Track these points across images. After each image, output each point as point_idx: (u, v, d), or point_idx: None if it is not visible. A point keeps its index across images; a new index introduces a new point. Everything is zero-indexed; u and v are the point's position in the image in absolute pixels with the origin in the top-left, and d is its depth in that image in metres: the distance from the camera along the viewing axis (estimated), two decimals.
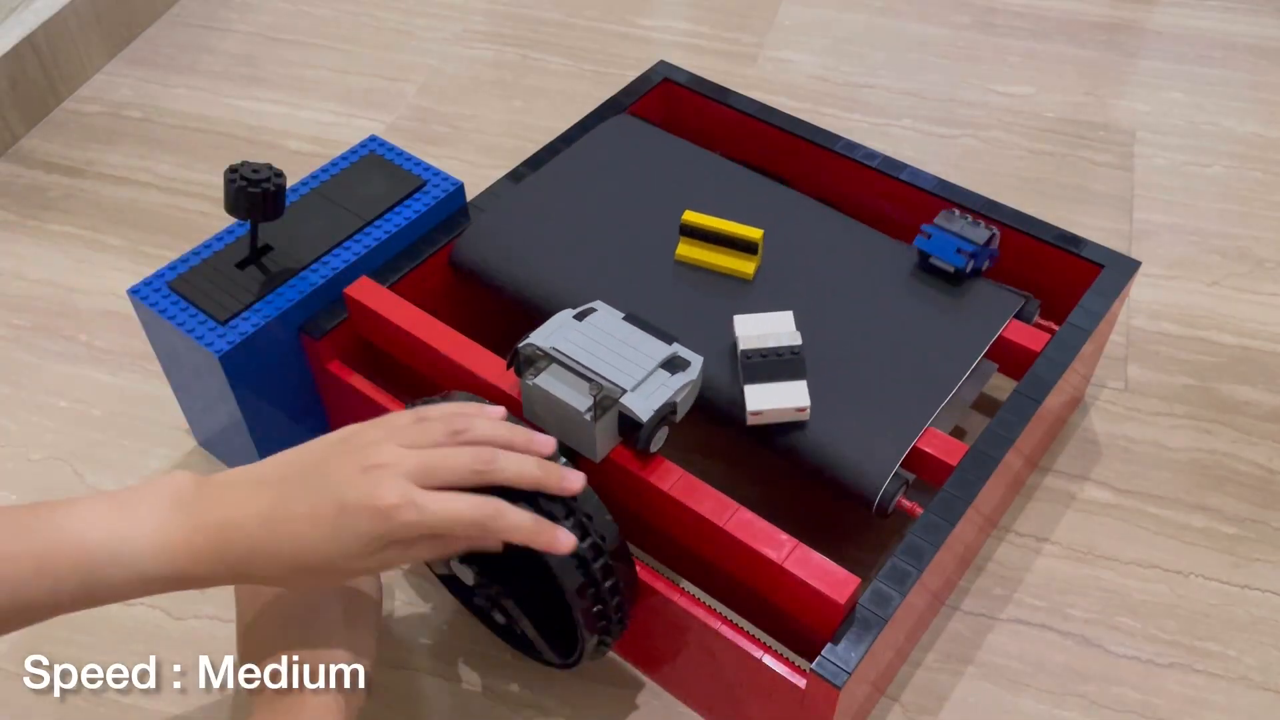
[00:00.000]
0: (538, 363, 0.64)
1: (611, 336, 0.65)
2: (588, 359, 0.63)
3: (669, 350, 0.65)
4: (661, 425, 0.63)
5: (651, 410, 0.62)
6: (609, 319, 0.67)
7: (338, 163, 0.84)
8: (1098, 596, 0.77)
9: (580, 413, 0.61)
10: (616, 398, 0.62)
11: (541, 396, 0.63)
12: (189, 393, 0.82)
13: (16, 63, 1.13)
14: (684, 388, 0.64)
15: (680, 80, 0.95)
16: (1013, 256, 0.83)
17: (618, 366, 0.63)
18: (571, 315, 0.67)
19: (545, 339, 0.65)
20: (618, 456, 0.64)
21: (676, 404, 0.64)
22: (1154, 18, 1.31)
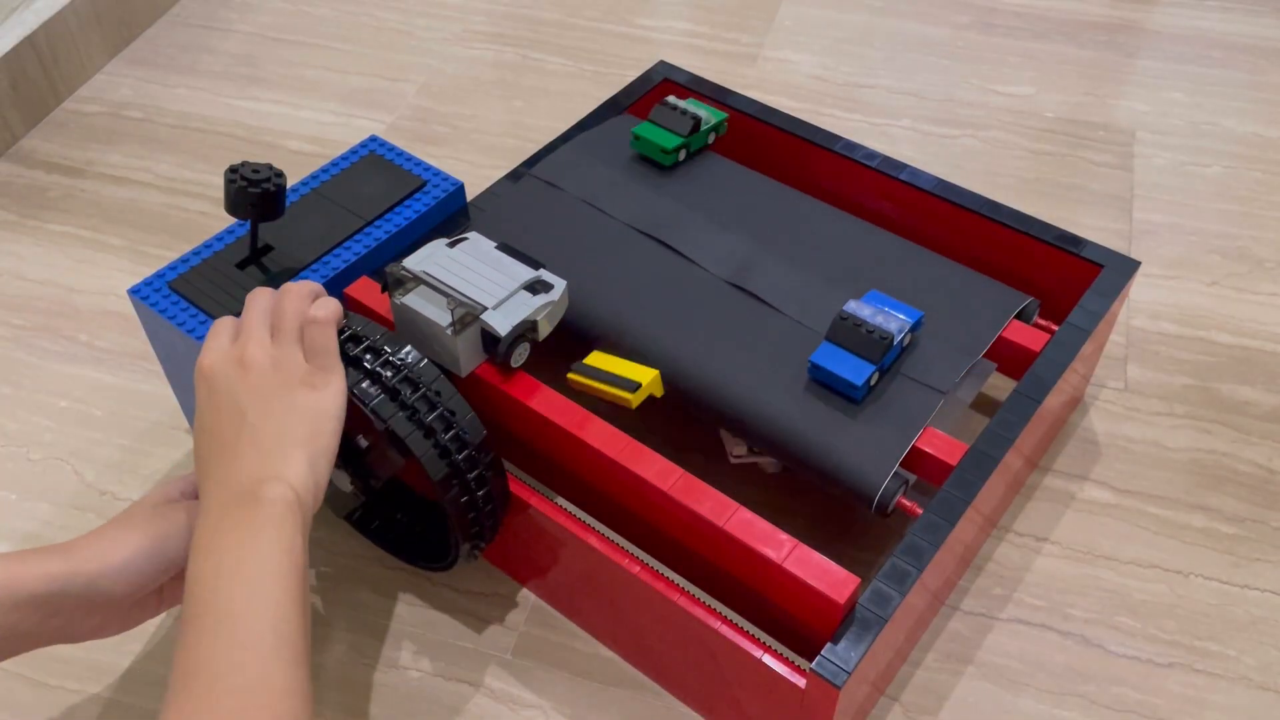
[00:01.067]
0: (406, 284, 0.68)
1: (480, 262, 0.69)
2: (454, 280, 0.67)
3: (533, 274, 0.69)
4: (520, 341, 0.68)
5: (510, 326, 0.66)
6: (480, 246, 0.71)
7: (338, 163, 0.84)
8: (1098, 596, 0.77)
9: (442, 327, 0.65)
10: (477, 314, 0.66)
11: (408, 314, 0.67)
12: (189, 393, 0.82)
13: (16, 63, 1.13)
14: (544, 306, 0.68)
15: (680, 80, 0.95)
16: (1013, 256, 0.83)
17: (482, 287, 0.67)
18: (445, 243, 0.71)
19: (417, 263, 0.68)
20: (614, 452, 0.65)
21: (537, 322, 0.68)
22: (1154, 18, 1.31)
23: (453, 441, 0.63)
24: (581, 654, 0.74)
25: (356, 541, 0.80)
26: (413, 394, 0.63)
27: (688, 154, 0.86)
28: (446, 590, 0.78)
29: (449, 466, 0.63)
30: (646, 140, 0.85)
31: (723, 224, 0.81)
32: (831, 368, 0.68)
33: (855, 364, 0.68)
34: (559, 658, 0.74)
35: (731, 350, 0.73)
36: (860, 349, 0.69)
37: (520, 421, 0.70)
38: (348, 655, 0.74)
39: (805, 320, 0.74)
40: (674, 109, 0.86)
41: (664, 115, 0.86)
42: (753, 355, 0.72)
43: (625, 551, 0.65)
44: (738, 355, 0.72)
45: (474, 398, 0.71)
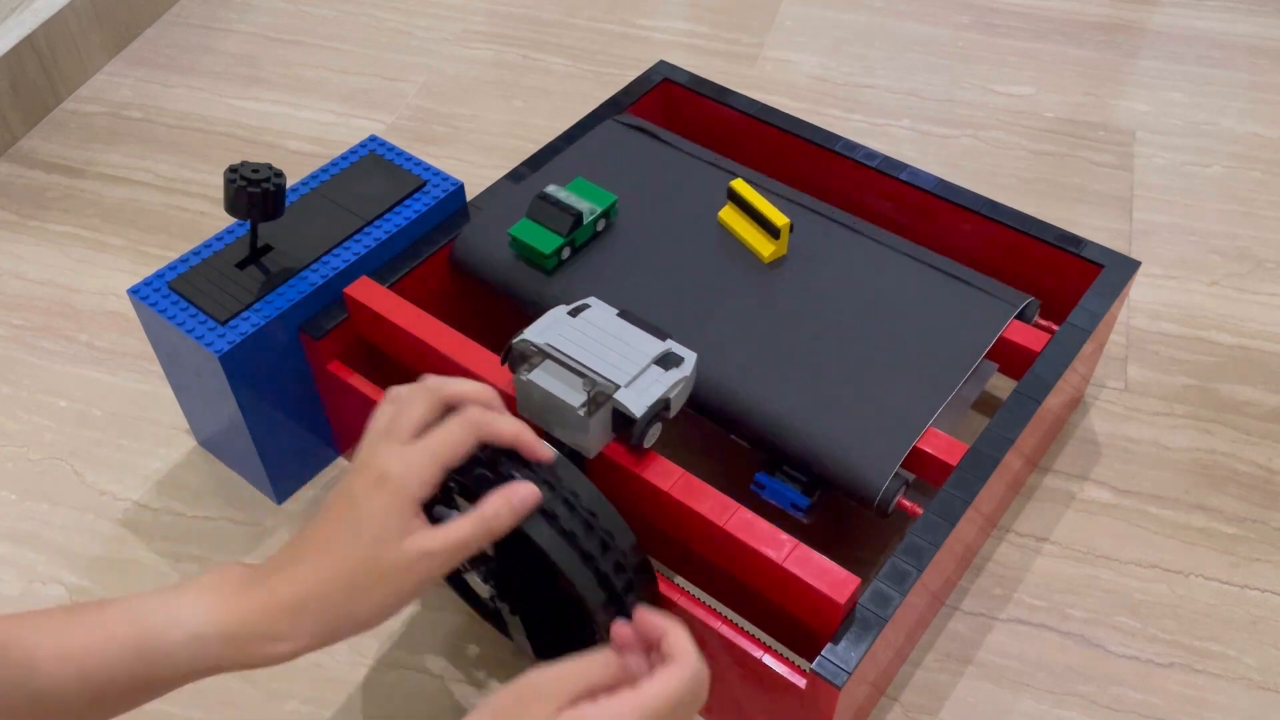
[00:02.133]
0: (531, 358, 0.64)
1: (605, 332, 0.65)
2: (581, 354, 0.64)
3: (663, 346, 0.65)
4: (655, 421, 0.64)
5: (645, 406, 0.62)
6: (603, 315, 0.67)
7: (338, 163, 0.84)
8: (1098, 596, 0.77)
9: (574, 408, 0.61)
10: (610, 393, 0.62)
11: (535, 392, 0.63)
12: (189, 393, 0.82)
13: (16, 63, 1.13)
14: (677, 384, 0.64)
15: (680, 80, 0.95)
16: (1013, 256, 0.83)
17: (611, 362, 0.63)
18: (565, 311, 0.67)
19: (539, 334, 0.65)
20: (613, 455, 0.64)
21: (670, 400, 0.64)
22: (1154, 18, 1.31)
23: (612, 567, 0.58)
24: None
25: None
26: (569, 514, 0.57)
27: (572, 251, 0.78)
28: (446, 590, 0.78)
29: (606, 592, 0.58)
30: (523, 243, 0.76)
31: (706, 238, 0.81)
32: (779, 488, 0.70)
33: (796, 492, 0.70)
34: None
35: (733, 352, 0.73)
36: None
37: None
38: (348, 655, 0.74)
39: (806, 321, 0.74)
40: (553, 203, 0.77)
41: (542, 211, 0.77)
42: (754, 356, 0.72)
43: None
44: (739, 356, 0.72)
45: None
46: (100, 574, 0.79)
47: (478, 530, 0.53)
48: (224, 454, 0.85)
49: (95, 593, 0.78)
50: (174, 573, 0.79)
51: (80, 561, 0.79)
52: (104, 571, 0.79)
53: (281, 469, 0.82)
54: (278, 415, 0.78)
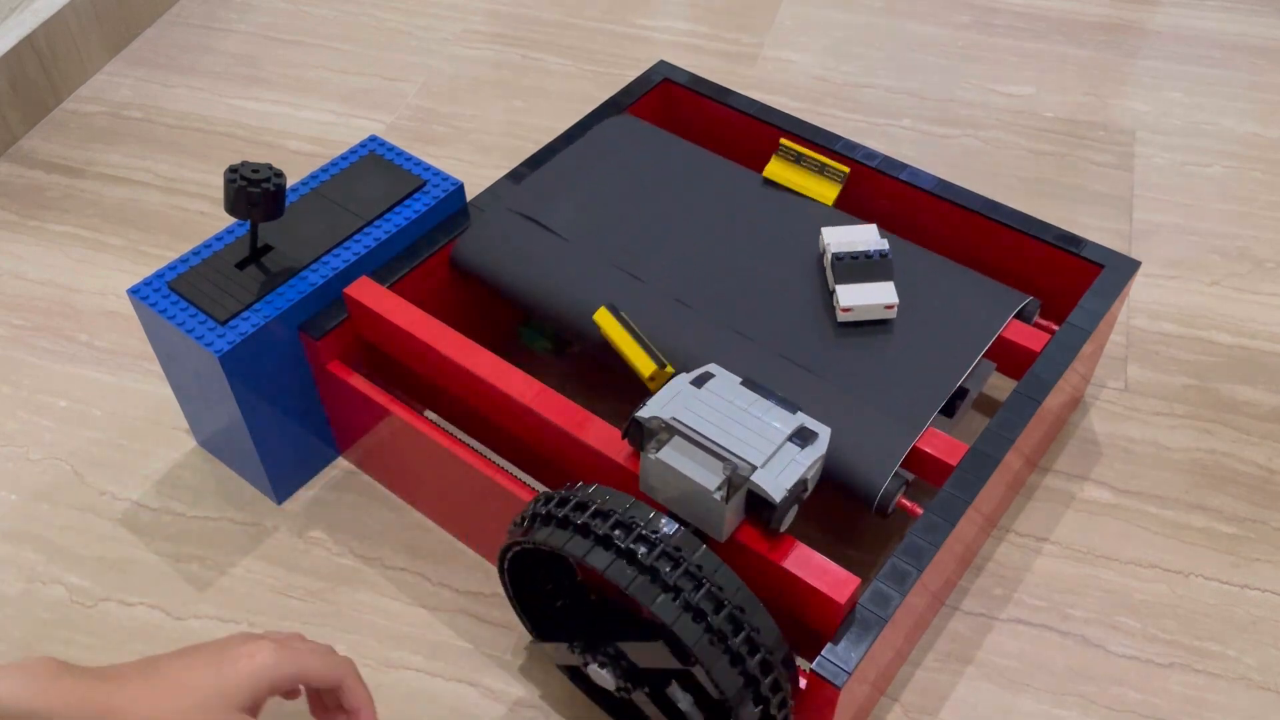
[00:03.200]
0: (659, 434, 0.59)
1: (733, 405, 0.61)
2: (712, 431, 0.59)
3: (796, 421, 0.61)
4: (794, 504, 0.60)
5: (784, 489, 0.58)
6: (728, 386, 0.62)
7: (338, 163, 0.84)
8: (1098, 596, 0.77)
9: (709, 492, 0.57)
10: (747, 475, 0.58)
11: (664, 471, 0.59)
12: (189, 393, 0.82)
13: (16, 63, 1.13)
14: (815, 463, 0.60)
15: (680, 80, 0.95)
16: (1013, 256, 0.83)
17: (744, 440, 0.59)
18: (688, 381, 0.63)
19: (664, 408, 0.60)
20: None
21: (807, 480, 0.60)
22: (1154, 18, 1.31)
23: (744, 644, 0.54)
24: None
25: (356, 542, 0.80)
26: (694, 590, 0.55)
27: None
28: (446, 591, 0.78)
29: (742, 676, 0.55)
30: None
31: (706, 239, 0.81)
32: None
33: None
34: None
35: (733, 350, 0.72)
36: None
37: (504, 413, 0.70)
38: (348, 655, 0.74)
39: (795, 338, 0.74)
40: None
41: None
42: (750, 358, 0.72)
43: None
44: (738, 360, 0.72)
45: None
46: (100, 574, 0.79)
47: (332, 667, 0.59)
48: (224, 454, 0.85)
49: (95, 593, 0.78)
50: (174, 572, 0.79)
51: (80, 561, 0.79)
52: (104, 571, 0.79)
53: (281, 469, 0.82)
54: (278, 415, 0.78)
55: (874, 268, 0.74)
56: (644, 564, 0.55)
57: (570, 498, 0.58)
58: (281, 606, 0.77)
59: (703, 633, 0.54)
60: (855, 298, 0.72)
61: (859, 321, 0.73)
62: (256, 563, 0.79)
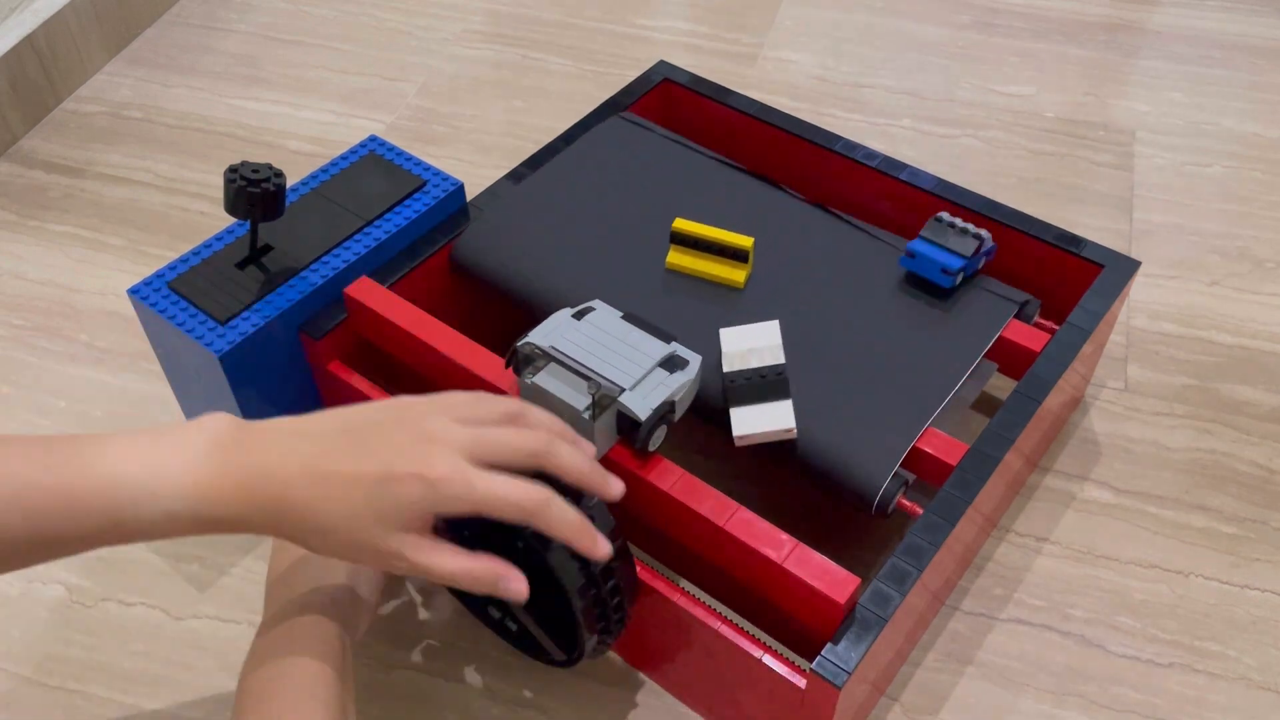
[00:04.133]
0: (536, 361, 0.64)
1: (610, 335, 0.65)
2: (586, 358, 0.64)
3: (667, 349, 0.65)
4: (660, 424, 0.64)
5: (650, 409, 0.62)
6: (607, 318, 0.67)
7: (338, 163, 0.84)
8: (1098, 596, 0.77)
9: (579, 411, 0.61)
10: (615, 396, 0.62)
11: (539, 395, 0.63)
12: (189, 393, 0.82)
13: (16, 63, 1.13)
14: (682, 387, 0.64)
15: (680, 80, 0.95)
16: (1013, 256, 0.83)
17: (616, 365, 0.64)
18: (570, 314, 0.67)
19: (544, 337, 0.65)
20: (616, 456, 0.64)
21: (675, 403, 0.64)
22: (1154, 18, 1.31)
23: None
24: None
25: None
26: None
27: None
28: (446, 590, 0.78)
29: (585, 576, 0.58)
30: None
31: None
32: (930, 254, 0.73)
33: (948, 256, 0.73)
34: None
35: None
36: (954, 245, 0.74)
37: None
38: None
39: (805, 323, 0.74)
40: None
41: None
42: None
43: None
44: None
45: None
46: (100, 574, 0.79)
47: (457, 576, 0.53)
48: None
49: (95, 593, 0.78)
50: (174, 572, 0.79)
51: (80, 561, 0.79)
52: (104, 571, 0.79)
53: None
54: (278, 415, 0.78)
55: (770, 387, 0.67)
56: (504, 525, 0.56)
57: None
58: None
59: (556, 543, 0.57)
60: (750, 424, 0.66)
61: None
62: (256, 563, 0.79)
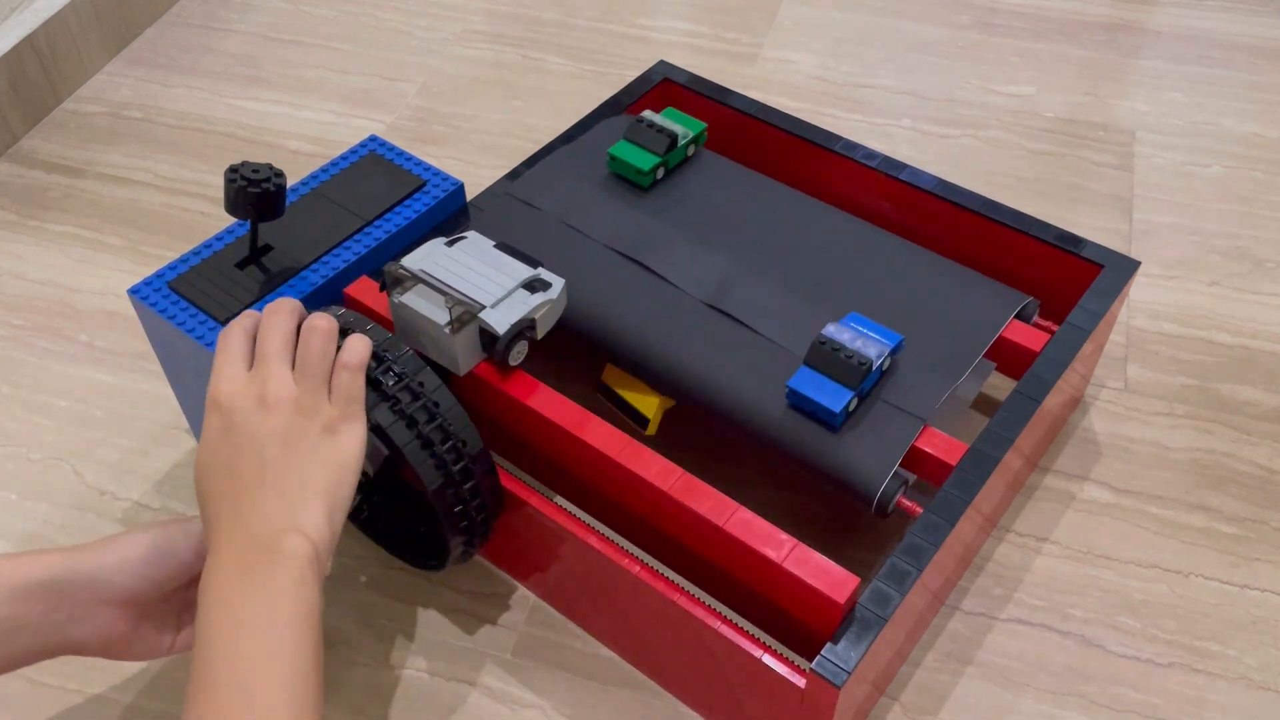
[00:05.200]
0: (404, 282, 0.68)
1: (478, 260, 0.69)
2: (452, 279, 0.67)
3: (532, 272, 0.69)
4: (519, 339, 0.68)
5: (508, 324, 0.66)
6: (479, 245, 0.71)
7: (338, 163, 0.84)
8: (1098, 596, 0.77)
9: (440, 326, 0.65)
10: (475, 313, 0.66)
11: (406, 313, 0.67)
12: (189, 393, 0.82)
13: (16, 63, 1.13)
14: (542, 304, 0.68)
15: (680, 80, 0.95)
16: (1013, 256, 0.83)
17: (480, 286, 0.67)
18: (443, 242, 0.71)
19: (415, 261, 0.68)
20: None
21: (535, 320, 0.68)
22: (1154, 18, 1.31)
23: (449, 452, 0.63)
24: (581, 654, 0.74)
25: (356, 542, 0.80)
26: (411, 402, 0.63)
27: (665, 171, 0.84)
28: (446, 590, 0.78)
29: (442, 475, 0.63)
30: (622, 161, 0.83)
31: (708, 234, 0.80)
32: (810, 394, 0.67)
33: (834, 390, 0.67)
34: (558, 657, 0.74)
35: (729, 350, 0.72)
36: (839, 375, 0.67)
37: (519, 421, 0.70)
38: (348, 655, 0.74)
39: (787, 337, 0.74)
40: (649, 126, 0.83)
41: (639, 133, 0.83)
42: (751, 354, 0.72)
43: (625, 551, 0.65)
44: (736, 355, 0.72)
45: (472, 396, 0.71)
46: None
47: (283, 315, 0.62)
48: None
49: None
50: None
51: None
52: None
53: None
54: None
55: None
56: (372, 378, 0.62)
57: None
58: None
59: (413, 437, 0.62)
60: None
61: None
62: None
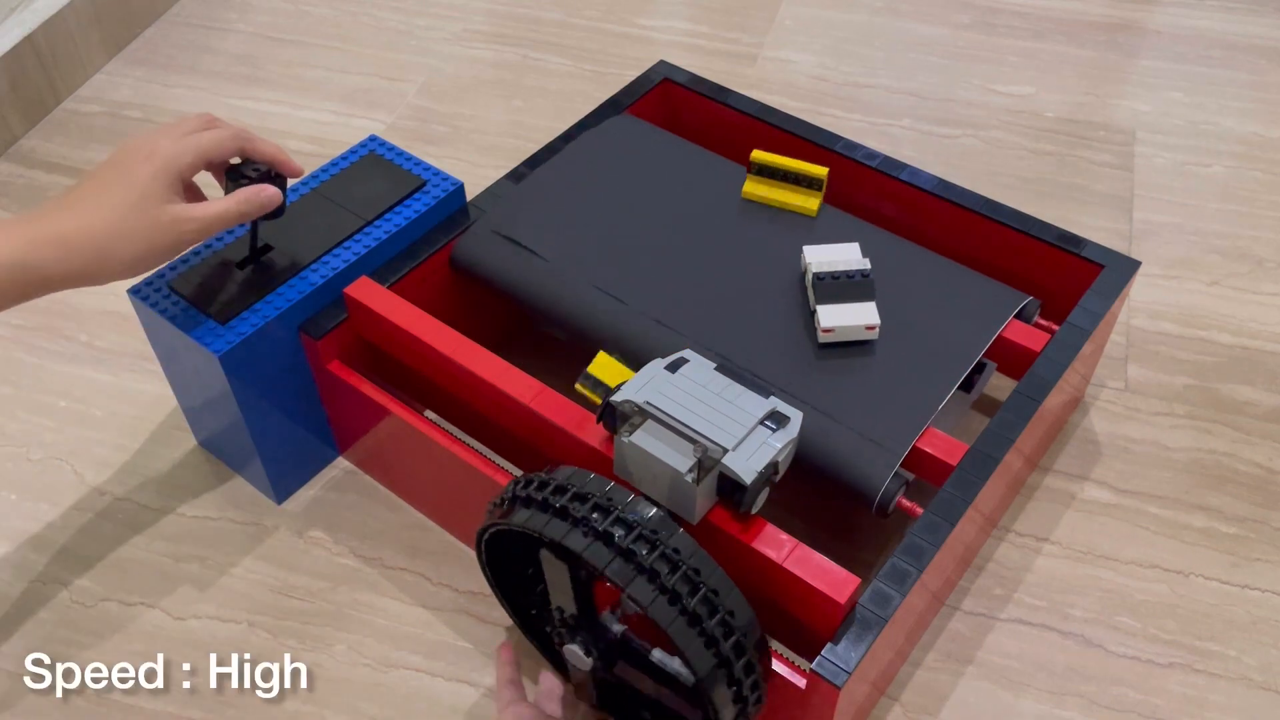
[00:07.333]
0: (632, 418, 0.61)
1: (706, 390, 0.62)
2: (684, 415, 0.60)
3: (768, 405, 0.62)
4: (765, 486, 0.60)
5: (755, 471, 0.59)
6: (702, 371, 0.63)
7: (338, 163, 0.84)
8: (1098, 596, 0.77)
9: (681, 474, 0.58)
10: (718, 458, 0.59)
11: (638, 455, 0.60)
12: (189, 393, 0.82)
13: (16, 63, 1.13)
14: (786, 445, 0.61)
15: (680, 80, 0.95)
16: (1013, 256, 0.83)
17: (716, 423, 0.60)
18: (663, 366, 0.63)
19: (638, 392, 0.61)
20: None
21: (779, 463, 0.61)
22: (1154, 18, 1.31)
23: (718, 627, 0.55)
24: None
25: (356, 542, 0.80)
26: (670, 573, 0.55)
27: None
28: (446, 590, 0.78)
29: (715, 658, 0.55)
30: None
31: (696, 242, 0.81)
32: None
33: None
34: None
35: (728, 352, 0.72)
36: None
37: (504, 412, 0.70)
38: (348, 655, 0.74)
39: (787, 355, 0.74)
40: None
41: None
42: (750, 356, 0.72)
43: None
44: (735, 356, 0.72)
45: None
46: (100, 574, 0.79)
47: (229, 211, 0.67)
48: (224, 454, 0.85)
49: (95, 593, 0.78)
50: (174, 572, 0.79)
51: (80, 561, 0.79)
52: (104, 571, 0.79)
53: (281, 469, 0.82)
54: (278, 415, 0.78)
55: (856, 288, 0.72)
56: (621, 546, 0.55)
57: (550, 480, 0.59)
58: (281, 606, 0.77)
59: (678, 615, 0.54)
60: (836, 318, 0.71)
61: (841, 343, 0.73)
62: (256, 563, 0.79)
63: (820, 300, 0.72)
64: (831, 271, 0.73)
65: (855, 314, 0.72)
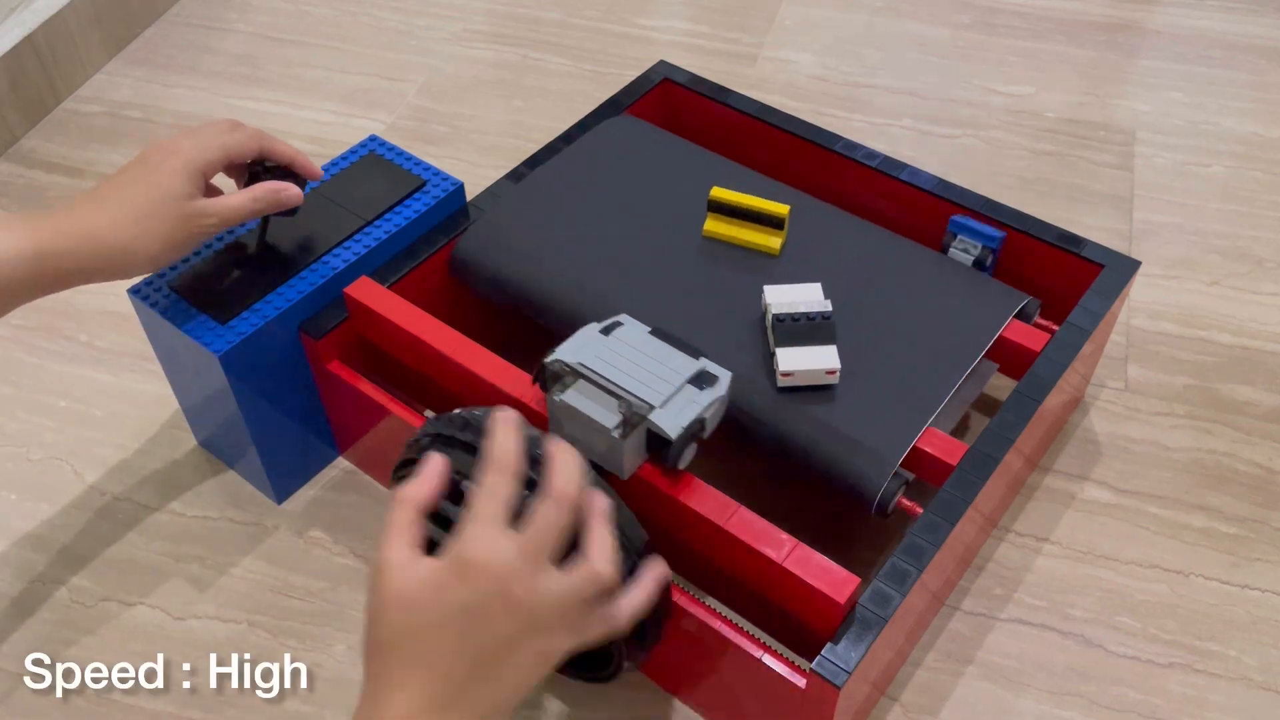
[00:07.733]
0: (564, 378, 0.62)
1: (638, 351, 0.64)
2: (615, 375, 0.62)
3: (697, 366, 0.64)
4: (690, 442, 0.62)
5: (680, 427, 0.61)
6: (635, 333, 0.66)
7: (338, 163, 0.84)
8: (1098, 596, 0.77)
9: (608, 430, 0.60)
10: (645, 414, 0.61)
11: (569, 413, 0.62)
12: (189, 393, 0.82)
13: (16, 63, 1.13)
14: (712, 404, 0.63)
15: (680, 80, 0.95)
16: (1013, 256, 0.83)
17: (645, 382, 0.62)
18: (597, 330, 0.66)
19: (572, 354, 0.63)
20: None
21: (705, 420, 0.63)
22: (1154, 18, 1.31)
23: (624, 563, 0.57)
24: None
25: (356, 542, 0.80)
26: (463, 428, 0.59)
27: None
28: None
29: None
30: None
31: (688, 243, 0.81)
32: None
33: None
34: None
35: (728, 353, 0.72)
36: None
37: None
38: (347, 655, 0.74)
39: None
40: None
41: None
42: (749, 356, 0.72)
43: None
44: (735, 357, 0.72)
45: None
46: (100, 574, 0.79)
47: (245, 204, 0.69)
48: (224, 454, 0.85)
49: (95, 593, 0.78)
50: (174, 572, 0.79)
51: (80, 561, 0.79)
52: (104, 571, 0.79)
53: (281, 469, 0.82)
54: (278, 415, 0.78)
55: (816, 330, 0.70)
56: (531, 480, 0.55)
57: (464, 419, 0.60)
58: (281, 606, 0.77)
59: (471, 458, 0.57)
60: (796, 362, 0.69)
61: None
62: (256, 563, 0.79)
63: (780, 343, 0.70)
64: (792, 313, 0.70)
65: (815, 357, 0.69)
